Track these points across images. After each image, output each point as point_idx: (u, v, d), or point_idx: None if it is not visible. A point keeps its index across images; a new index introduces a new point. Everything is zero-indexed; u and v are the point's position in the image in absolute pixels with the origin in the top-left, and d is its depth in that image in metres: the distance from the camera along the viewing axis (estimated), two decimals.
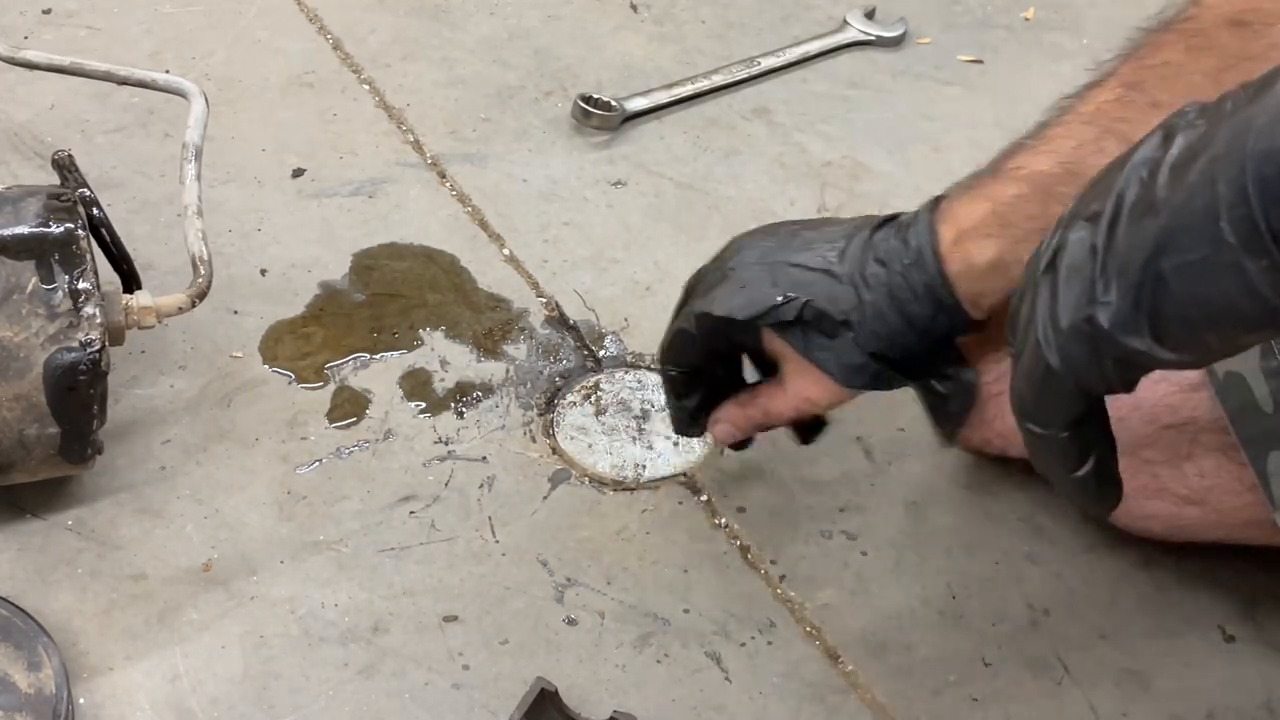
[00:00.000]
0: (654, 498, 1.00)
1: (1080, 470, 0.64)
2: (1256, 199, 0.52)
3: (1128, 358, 0.58)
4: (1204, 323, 0.55)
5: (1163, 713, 0.90)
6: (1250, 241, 0.52)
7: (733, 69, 1.39)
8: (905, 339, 0.84)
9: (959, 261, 0.82)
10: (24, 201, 0.89)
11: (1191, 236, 0.54)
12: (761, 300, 0.84)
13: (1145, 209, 0.56)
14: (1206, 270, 0.54)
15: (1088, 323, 0.58)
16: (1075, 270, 0.58)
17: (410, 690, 0.88)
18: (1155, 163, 0.57)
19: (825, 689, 0.90)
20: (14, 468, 0.90)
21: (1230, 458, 0.85)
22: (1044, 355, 0.60)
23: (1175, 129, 0.57)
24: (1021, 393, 0.63)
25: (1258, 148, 0.52)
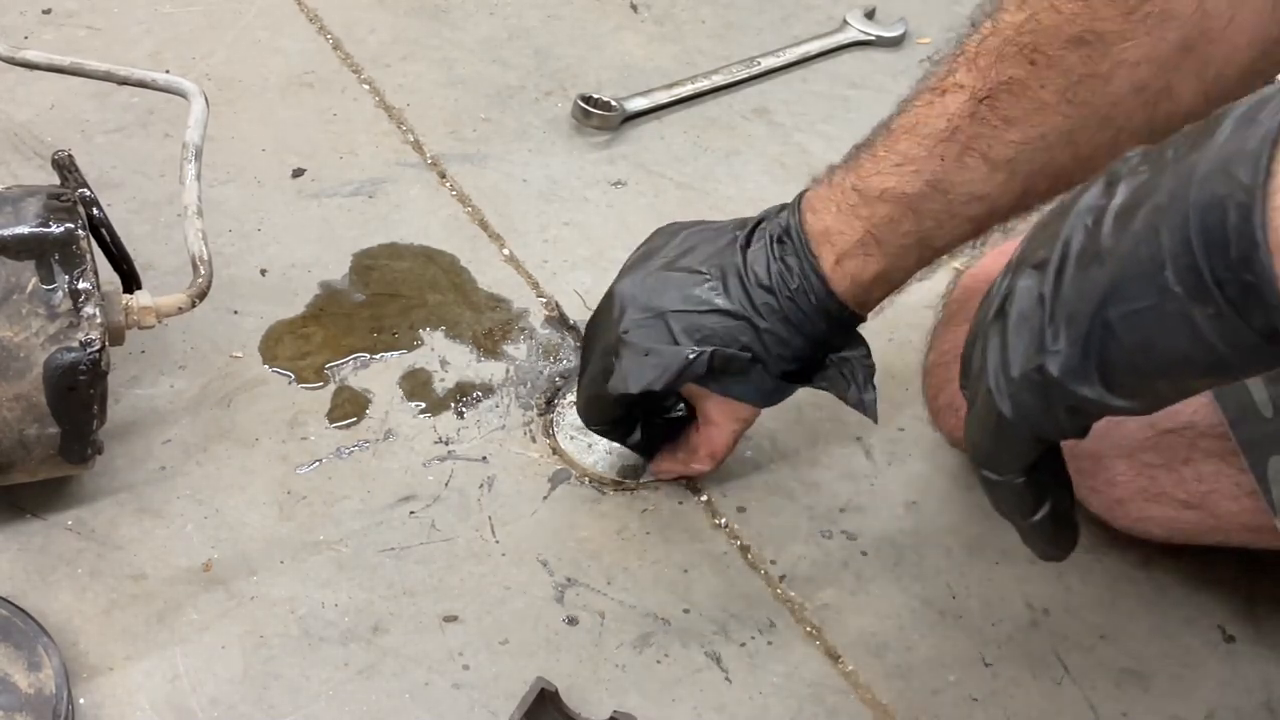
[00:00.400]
0: (654, 498, 1.00)
1: (1036, 515, 0.65)
2: (1200, 249, 0.52)
3: (1079, 406, 0.58)
4: (1154, 371, 0.56)
5: (1163, 713, 0.90)
6: (1196, 291, 0.52)
7: (733, 69, 1.39)
8: (806, 352, 0.89)
9: (845, 280, 0.86)
10: (24, 201, 0.89)
11: (1138, 286, 0.54)
12: (671, 365, 0.88)
13: (1091, 257, 0.56)
14: (1154, 319, 0.54)
15: (1038, 372, 0.58)
16: (1024, 319, 0.59)
17: (410, 690, 0.88)
18: (1100, 210, 0.57)
19: (825, 689, 0.90)
20: (14, 468, 0.90)
21: (1229, 463, 0.85)
22: (996, 404, 0.60)
23: (1118, 175, 0.58)
24: (976, 440, 0.64)
25: (1200, 197, 0.52)
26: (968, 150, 0.81)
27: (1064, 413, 0.59)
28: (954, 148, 0.81)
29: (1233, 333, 0.52)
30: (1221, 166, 0.52)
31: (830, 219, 0.86)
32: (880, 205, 0.84)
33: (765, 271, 0.87)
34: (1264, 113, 0.52)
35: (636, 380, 0.88)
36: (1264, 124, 0.52)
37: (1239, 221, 0.51)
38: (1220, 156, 0.52)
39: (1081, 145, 0.80)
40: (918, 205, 0.83)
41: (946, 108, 0.81)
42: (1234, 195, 0.51)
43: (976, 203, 0.83)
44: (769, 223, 0.89)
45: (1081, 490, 0.94)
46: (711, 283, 0.88)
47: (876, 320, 1.13)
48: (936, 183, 0.82)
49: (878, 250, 0.85)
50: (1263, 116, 0.52)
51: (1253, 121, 0.52)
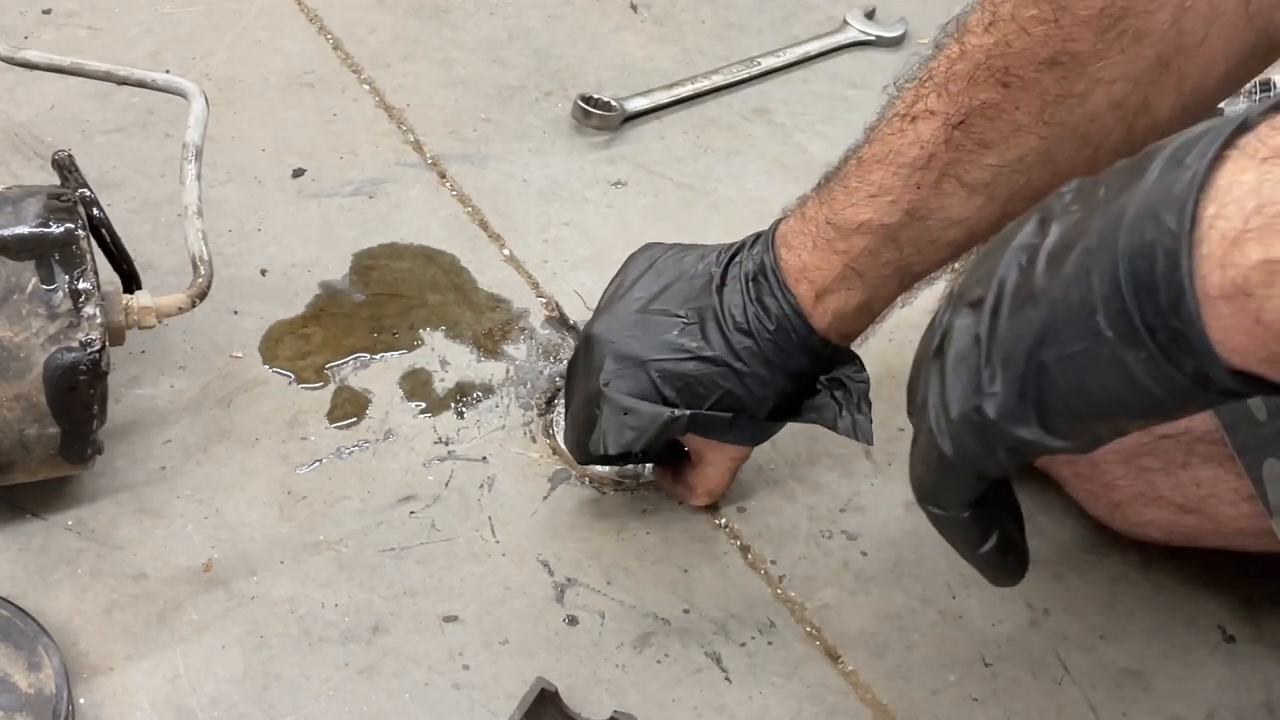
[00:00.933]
0: (654, 498, 1.00)
1: (984, 547, 0.65)
2: (1130, 294, 0.52)
3: (1018, 446, 0.58)
4: (1089, 413, 0.56)
5: (1163, 713, 0.90)
6: (1127, 335, 0.52)
7: (733, 69, 1.39)
8: (791, 388, 0.88)
9: (826, 316, 0.85)
10: (24, 201, 0.89)
11: (1071, 329, 0.54)
12: (649, 427, 0.87)
13: (1025, 298, 0.56)
14: (1087, 363, 0.54)
15: (976, 412, 0.58)
16: (961, 359, 0.59)
17: (410, 690, 0.88)
18: (1033, 249, 0.57)
19: (825, 689, 0.90)
20: (14, 468, 0.90)
21: (1227, 468, 0.85)
22: (938, 443, 0.60)
23: (1052, 213, 0.58)
24: (920, 476, 0.64)
25: (1128, 243, 0.52)
26: (944, 177, 0.80)
27: (1003, 452, 0.59)
28: (930, 175, 0.81)
29: (1165, 377, 0.53)
30: (1149, 211, 0.52)
31: (807, 255, 0.85)
32: (858, 238, 0.83)
33: (742, 314, 0.86)
34: (1190, 155, 0.52)
35: (615, 440, 0.87)
36: (1190, 168, 0.52)
37: (1166, 269, 0.51)
38: (1148, 200, 0.52)
39: (1060, 164, 0.79)
40: (897, 235, 0.83)
41: (919, 135, 0.80)
42: (1161, 241, 0.51)
43: (955, 227, 0.82)
44: (743, 257, 0.87)
45: (1080, 494, 0.94)
46: (690, 327, 0.87)
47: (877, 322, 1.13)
48: (914, 211, 0.82)
49: (859, 283, 0.84)
50: (1189, 160, 0.52)
51: (1179, 164, 0.52)
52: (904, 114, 0.81)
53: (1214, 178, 0.51)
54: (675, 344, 0.87)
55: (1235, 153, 0.51)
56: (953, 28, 0.80)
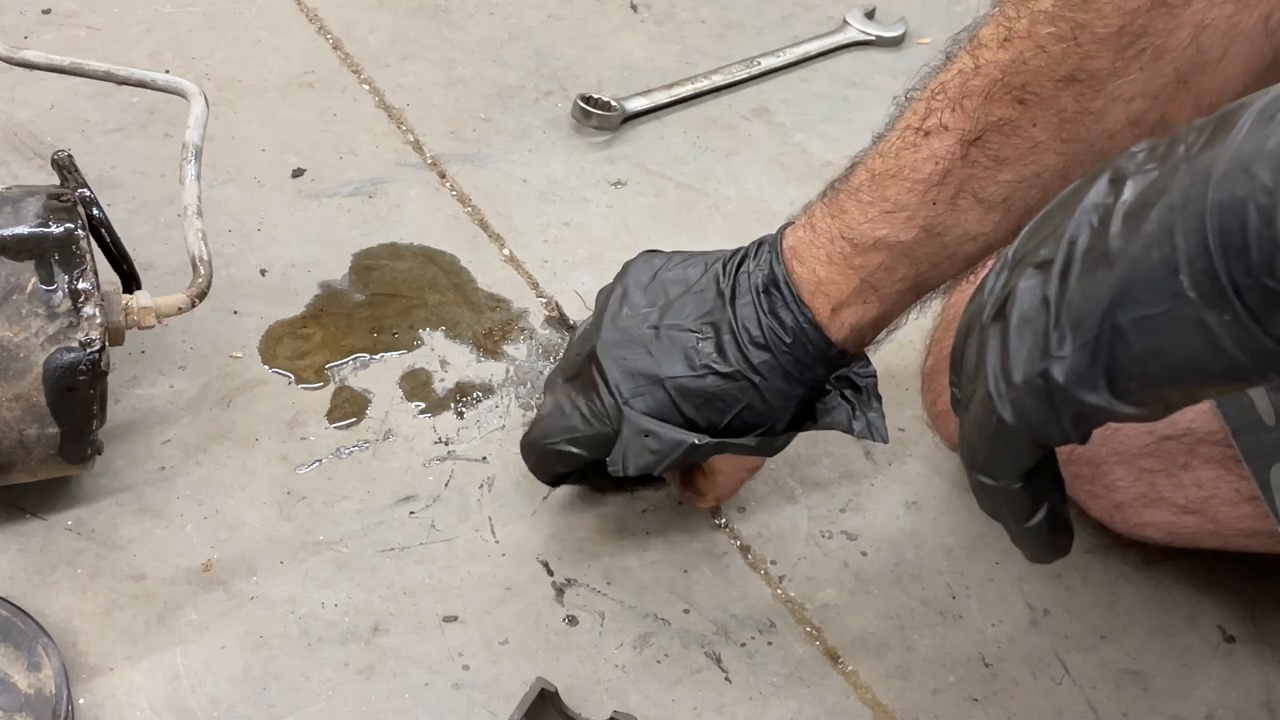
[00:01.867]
0: (654, 498, 1.00)
1: (1033, 520, 0.64)
2: (1218, 252, 0.50)
3: (1085, 412, 0.57)
4: (1165, 378, 0.54)
5: (1163, 713, 0.90)
6: (1212, 296, 0.51)
7: (733, 69, 1.39)
8: (807, 398, 0.87)
9: (844, 329, 0.85)
10: (24, 201, 0.89)
11: (1150, 290, 0.53)
12: (671, 452, 0.86)
13: (1098, 258, 0.55)
14: (1167, 325, 0.52)
15: (1042, 377, 0.56)
16: (1027, 322, 0.57)
17: (410, 690, 0.88)
18: (1106, 209, 0.55)
19: (825, 689, 0.90)
20: (14, 468, 0.90)
21: (1229, 469, 0.85)
22: (996, 409, 0.59)
23: (1125, 172, 0.56)
24: (972, 444, 0.62)
25: (1218, 198, 0.50)
26: (960, 193, 0.80)
27: (1068, 419, 0.57)
28: (946, 191, 0.80)
29: (1251, 340, 0.51)
30: (1241, 166, 0.50)
31: (822, 270, 0.84)
32: (874, 254, 0.83)
33: (758, 328, 0.85)
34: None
35: (635, 463, 0.86)
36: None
37: (1260, 225, 0.49)
38: (1239, 155, 0.50)
39: (1076, 179, 0.79)
40: (913, 251, 0.82)
41: (934, 150, 0.80)
42: (1255, 197, 0.49)
43: (972, 242, 0.82)
44: (750, 267, 0.87)
45: (1080, 495, 0.94)
46: (705, 343, 0.86)
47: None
48: (930, 228, 0.81)
49: (875, 297, 0.84)
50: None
51: (1272, 119, 0.50)
52: (917, 127, 0.81)
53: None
54: (692, 360, 0.86)
55: None
56: (964, 40, 0.80)
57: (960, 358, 0.63)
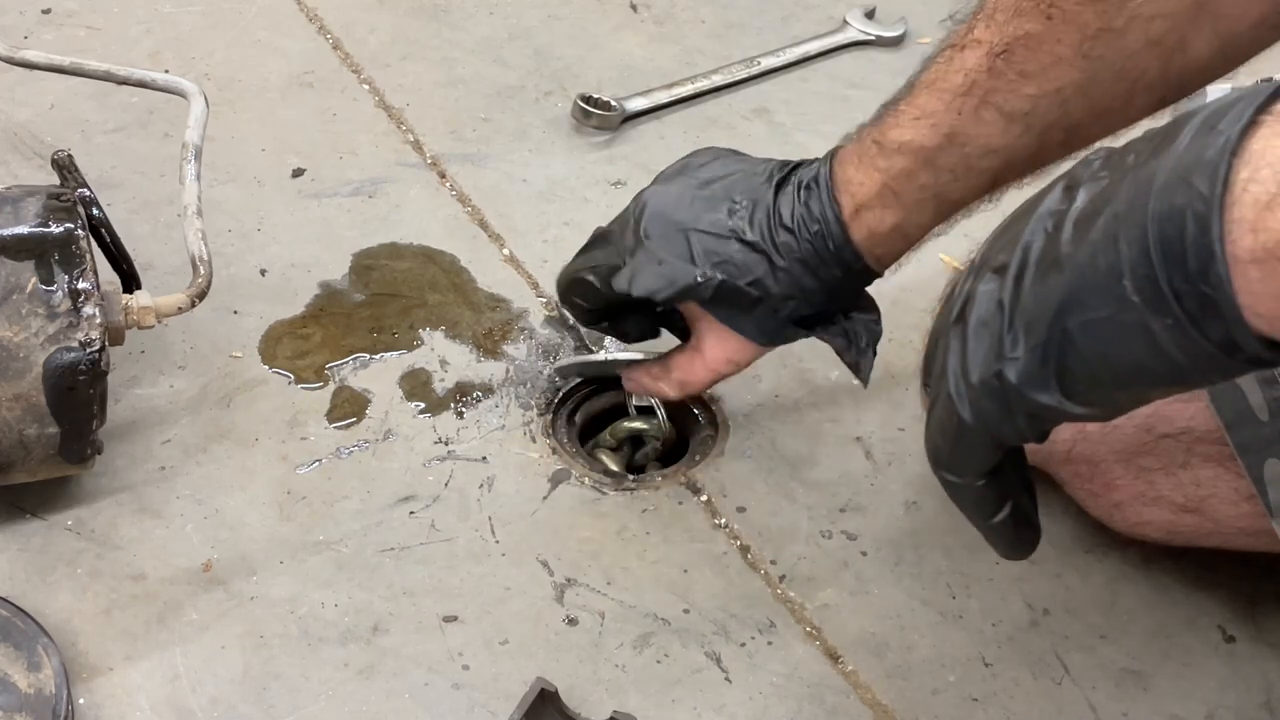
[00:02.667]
0: (654, 498, 1.00)
1: (996, 517, 0.65)
2: (1158, 259, 0.52)
3: (1038, 413, 0.58)
4: (1111, 380, 0.56)
5: (1163, 713, 0.90)
6: (1154, 301, 0.52)
7: (733, 69, 1.39)
8: (816, 298, 0.88)
9: (862, 230, 0.86)
10: (24, 201, 0.89)
11: (1096, 295, 0.54)
12: (678, 280, 0.88)
13: (1050, 264, 0.56)
14: (1112, 329, 0.54)
15: (997, 378, 0.58)
16: (983, 324, 0.59)
17: (410, 690, 0.88)
18: (1060, 215, 0.57)
19: (825, 689, 0.90)
20: (14, 468, 0.90)
21: (1227, 468, 0.85)
22: (956, 409, 0.60)
23: (1079, 180, 0.58)
24: (936, 443, 0.64)
25: (1158, 207, 0.52)
26: (984, 104, 0.82)
27: (1023, 419, 0.59)
28: (971, 101, 0.82)
29: (1190, 344, 0.52)
30: (1180, 176, 0.52)
31: (852, 170, 0.87)
32: (898, 158, 0.85)
33: (790, 213, 0.88)
34: (1223, 121, 0.52)
35: (641, 284, 0.89)
36: (1223, 133, 0.51)
37: (1197, 233, 0.51)
38: (1179, 165, 0.52)
39: (1097, 99, 0.80)
40: (934, 158, 0.84)
41: (965, 63, 0.82)
42: (1192, 206, 0.51)
43: (991, 156, 0.83)
44: (804, 169, 0.90)
45: (1080, 494, 0.94)
46: (740, 213, 0.89)
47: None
48: (953, 136, 0.83)
49: (895, 202, 0.86)
50: (1222, 125, 0.52)
51: (1212, 130, 0.52)
52: (955, 44, 0.83)
53: (1247, 143, 0.51)
54: (723, 223, 0.89)
55: (1269, 118, 0.51)
56: None
57: (931, 359, 0.65)
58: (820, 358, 1.08)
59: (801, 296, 0.88)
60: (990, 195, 0.86)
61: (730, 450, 1.03)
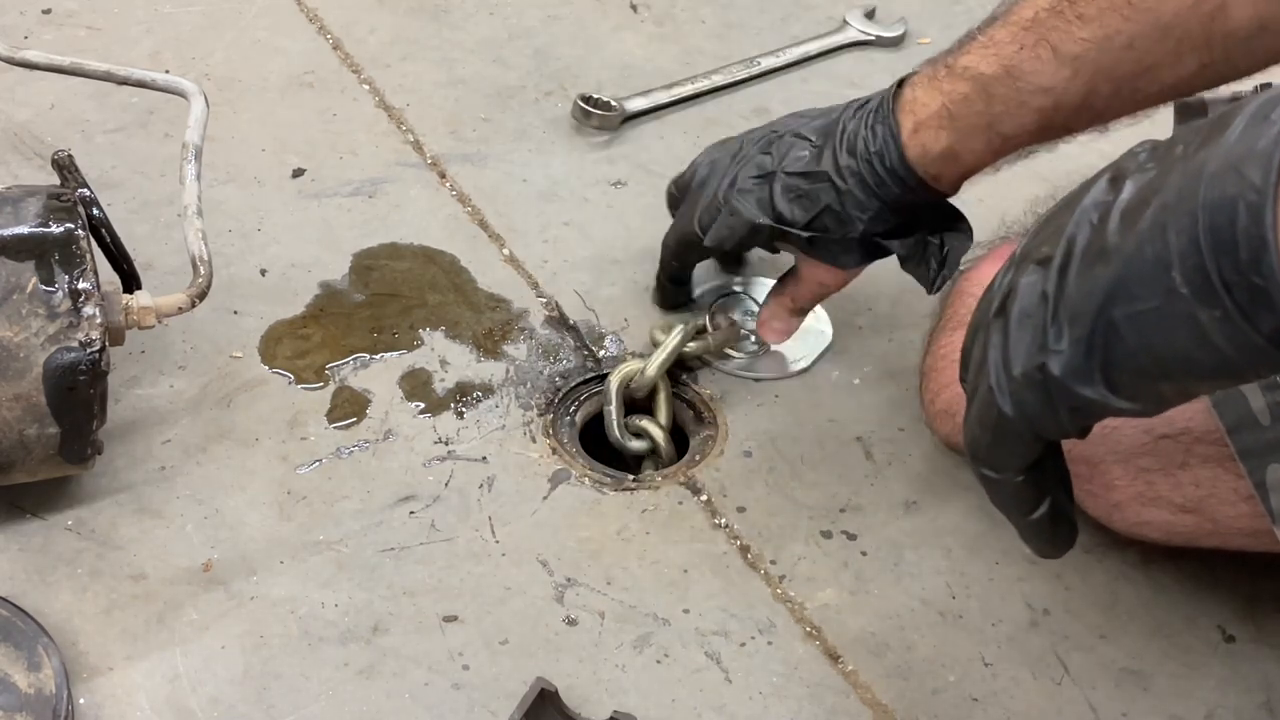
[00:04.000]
0: (654, 498, 1.00)
1: (1035, 513, 0.65)
2: (1208, 249, 0.51)
3: (1081, 406, 0.58)
4: (1158, 372, 0.55)
5: (1163, 713, 0.90)
6: (1203, 292, 0.52)
7: (733, 69, 1.39)
8: (884, 215, 0.93)
9: (917, 149, 0.90)
10: (24, 201, 0.89)
11: (1143, 286, 0.54)
12: (742, 227, 0.97)
13: (1096, 255, 0.56)
14: (1159, 320, 0.53)
15: (1040, 371, 0.58)
16: (1027, 316, 0.58)
17: (410, 690, 0.88)
18: (1105, 207, 0.56)
19: (825, 689, 0.90)
20: (14, 468, 0.90)
21: (1226, 469, 0.85)
22: (997, 402, 0.60)
23: (1125, 172, 0.57)
24: (975, 437, 0.63)
25: (1209, 196, 0.51)
26: (1042, 41, 0.84)
27: (1066, 412, 0.58)
28: (1031, 37, 0.85)
29: (1240, 336, 0.52)
30: (1232, 166, 0.51)
31: (920, 91, 0.90)
32: (960, 82, 0.88)
33: (854, 137, 0.92)
34: (1277, 110, 0.51)
35: (715, 234, 0.99)
36: (1276, 123, 0.51)
37: (1249, 223, 0.50)
38: (1230, 155, 0.51)
39: (1142, 53, 0.82)
40: (990, 87, 0.86)
41: (1036, 1, 0.85)
42: (1244, 196, 0.50)
43: (1042, 95, 0.85)
44: (877, 96, 0.94)
45: (1079, 494, 0.94)
46: (813, 150, 0.94)
47: (877, 321, 1.13)
48: (1010, 69, 0.85)
49: (950, 125, 0.88)
50: (1275, 115, 0.51)
51: (1265, 120, 0.51)
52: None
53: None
54: (797, 158, 0.95)
55: None
56: None
57: (969, 353, 0.63)
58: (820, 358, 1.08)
59: (869, 217, 0.93)
60: (1042, 141, 0.89)
61: (730, 450, 1.03)
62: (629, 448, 1.04)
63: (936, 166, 0.90)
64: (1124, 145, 0.61)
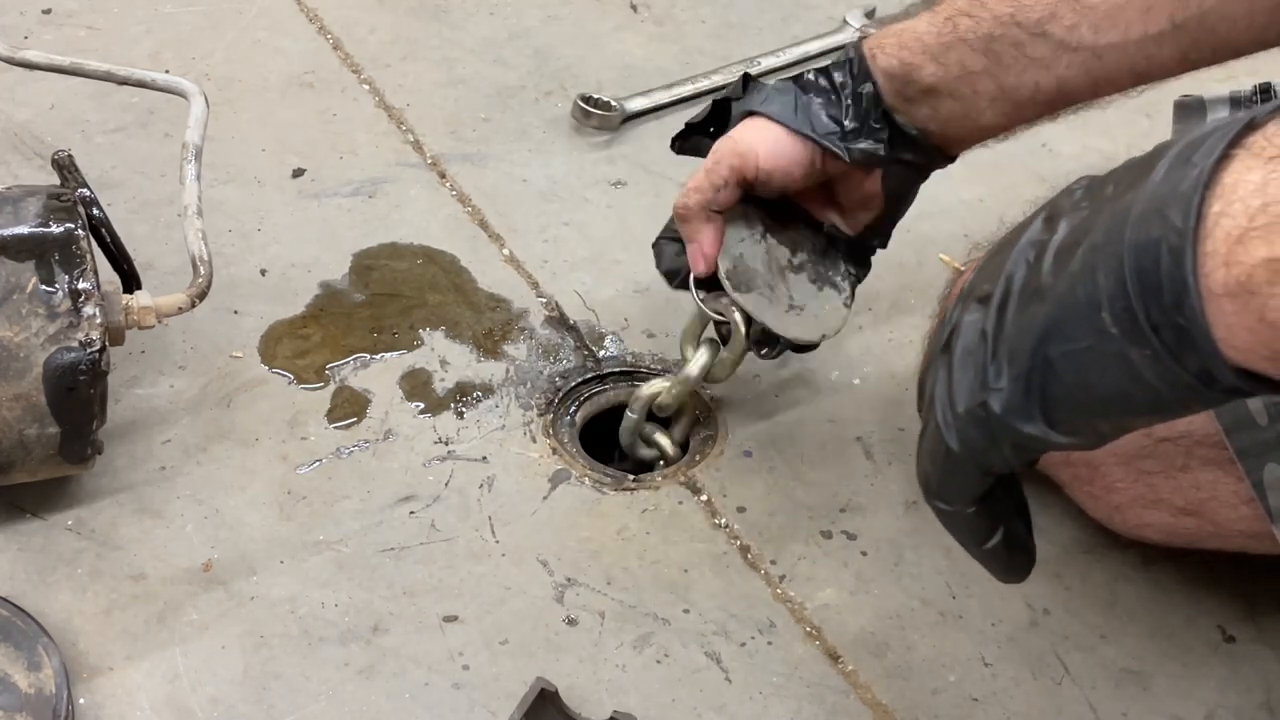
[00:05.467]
0: (654, 498, 1.00)
1: (989, 543, 0.66)
2: (1135, 292, 0.52)
3: (1022, 442, 0.59)
4: (1094, 408, 0.56)
5: (1163, 713, 0.90)
6: (1132, 332, 0.53)
7: (733, 69, 1.38)
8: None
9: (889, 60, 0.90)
10: (24, 201, 0.89)
11: (1076, 326, 0.55)
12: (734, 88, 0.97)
13: (1032, 295, 0.57)
14: (1093, 359, 0.55)
15: (982, 408, 0.59)
16: (969, 354, 0.60)
17: (410, 690, 0.88)
18: (1041, 246, 0.58)
19: (825, 689, 0.90)
20: (14, 468, 0.90)
21: (1227, 471, 0.85)
22: (944, 437, 0.61)
23: (1060, 210, 0.58)
24: (926, 471, 0.64)
25: (1134, 239, 0.53)
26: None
27: (1008, 448, 0.59)
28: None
29: (1169, 374, 0.53)
30: (1155, 208, 0.52)
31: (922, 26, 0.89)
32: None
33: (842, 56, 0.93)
34: (1197, 154, 0.52)
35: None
36: (1196, 165, 0.52)
37: (1171, 265, 0.51)
38: (1155, 197, 0.53)
39: None
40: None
41: None
42: (1167, 238, 0.51)
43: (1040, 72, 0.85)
44: None
45: (1080, 496, 0.94)
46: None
47: (877, 321, 1.13)
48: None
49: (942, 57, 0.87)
50: (1196, 158, 0.52)
51: (1186, 162, 0.52)
52: None
53: (1220, 176, 0.51)
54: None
55: (1242, 152, 0.52)
56: None
57: (923, 386, 0.65)
58: (820, 358, 1.08)
59: (844, 118, 0.91)
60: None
61: (730, 450, 1.03)
62: (639, 455, 1.04)
63: (909, 90, 0.90)
64: (1127, 147, 0.61)
